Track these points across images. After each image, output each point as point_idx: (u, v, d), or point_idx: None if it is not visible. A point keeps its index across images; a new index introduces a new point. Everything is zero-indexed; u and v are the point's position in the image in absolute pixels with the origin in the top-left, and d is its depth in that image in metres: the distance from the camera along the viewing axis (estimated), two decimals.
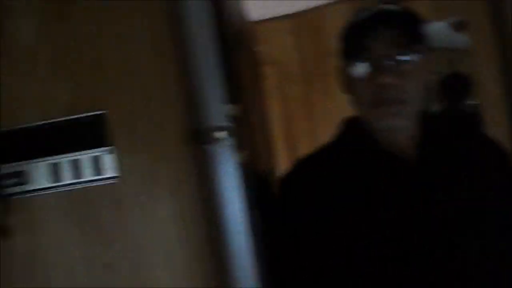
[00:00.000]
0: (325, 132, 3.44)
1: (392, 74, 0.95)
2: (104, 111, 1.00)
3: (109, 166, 0.99)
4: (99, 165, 0.99)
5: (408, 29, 0.96)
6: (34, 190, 1.00)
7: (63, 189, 1.00)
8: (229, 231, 1.06)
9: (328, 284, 1.01)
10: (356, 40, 0.98)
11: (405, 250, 0.96)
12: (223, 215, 1.06)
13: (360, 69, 0.99)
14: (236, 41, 1.33)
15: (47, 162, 1.00)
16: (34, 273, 0.99)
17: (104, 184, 0.99)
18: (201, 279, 0.98)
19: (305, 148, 3.04)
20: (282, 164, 2.79)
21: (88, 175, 0.99)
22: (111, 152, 0.99)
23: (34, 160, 1.00)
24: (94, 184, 0.99)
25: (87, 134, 1.00)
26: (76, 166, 0.99)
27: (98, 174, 0.99)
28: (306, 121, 3.07)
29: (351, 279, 0.99)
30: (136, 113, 1.01)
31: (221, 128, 1.08)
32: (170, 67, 1.03)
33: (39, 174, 1.00)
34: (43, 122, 1.01)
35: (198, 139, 1.08)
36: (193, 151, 1.07)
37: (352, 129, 1.06)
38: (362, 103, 1.02)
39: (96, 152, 0.99)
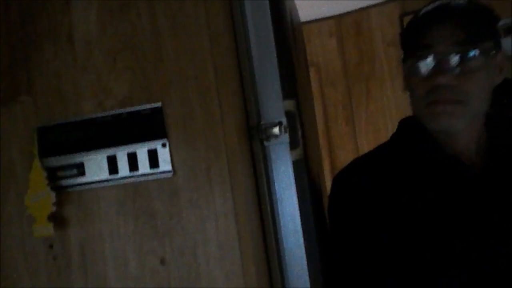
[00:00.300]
0: (365, 135, 3.38)
1: (451, 73, 0.89)
2: (161, 104, 0.99)
3: (165, 160, 0.98)
4: (155, 158, 0.98)
5: (473, 25, 0.89)
6: (90, 182, 1.00)
7: (119, 182, 0.99)
8: (283, 228, 1.03)
9: (377, 283, 0.97)
10: (417, 36, 0.93)
11: (459, 255, 0.91)
12: (277, 212, 1.04)
13: (420, 66, 0.93)
14: (292, 38, 1.31)
15: (104, 154, 0.99)
16: (88, 264, 0.99)
17: (160, 178, 0.98)
18: (255, 276, 0.95)
19: (344, 151, 3.00)
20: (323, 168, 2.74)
21: (144, 168, 0.98)
22: (167, 145, 0.98)
23: (91, 152, 1.00)
24: (150, 177, 0.98)
25: (143, 127, 0.99)
26: (132, 159, 0.99)
27: (154, 167, 0.98)
28: (347, 125, 3.02)
29: (404, 284, 0.94)
30: (193, 107, 0.99)
31: (277, 124, 1.06)
32: (228, 61, 1.02)
33: (96, 166, 0.99)
34: (100, 114, 1.01)
35: (255, 134, 1.06)
36: (249, 147, 1.05)
37: (410, 129, 1.01)
38: (417, 101, 0.97)
39: (152, 145, 0.99)
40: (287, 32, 1.19)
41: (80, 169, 0.99)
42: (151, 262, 0.97)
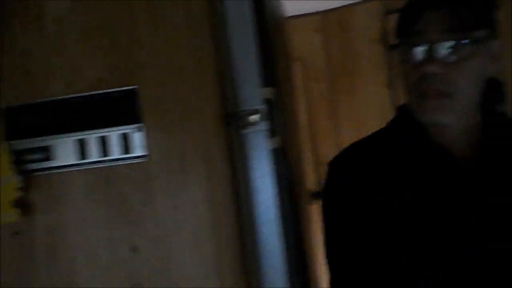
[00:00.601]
0: (348, 131, 3.38)
1: (440, 62, 0.85)
2: (136, 87, 0.95)
3: (138, 145, 0.94)
4: (127, 143, 0.94)
5: (466, 13, 0.85)
6: (58, 167, 0.95)
7: (89, 167, 0.95)
8: (259, 217, 1.00)
9: (364, 269, 0.93)
10: (409, 22, 0.89)
11: (434, 255, 0.87)
12: (253, 200, 1.01)
13: (410, 53, 0.89)
14: (273, 29, 1.28)
15: (73, 138, 0.95)
16: (55, 252, 0.95)
17: (132, 163, 0.94)
18: (230, 265, 0.92)
19: (326, 145, 2.99)
20: (305, 162, 2.74)
21: (115, 153, 0.95)
22: (141, 130, 0.95)
23: (60, 135, 0.96)
24: (122, 162, 0.95)
25: (116, 110, 0.95)
26: (103, 143, 0.95)
27: (127, 153, 0.94)
28: (330, 120, 3.01)
29: (390, 271, 0.90)
30: (169, 91, 0.96)
31: (255, 112, 1.02)
32: (206, 45, 0.98)
33: (65, 150, 0.95)
34: (70, 95, 0.96)
35: (232, 121, 1.03)
36: (226, 134, 1.02)
37: (404, 118, 0.97)
38: (409, 91, 0.92)
39: (125, 129, 0.95)
40: (266, 19, 1.16)
41: (48, 153, 0.95)
42: (121, 250, 0.93)
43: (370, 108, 2.91)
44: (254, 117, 1.03)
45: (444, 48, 0.84)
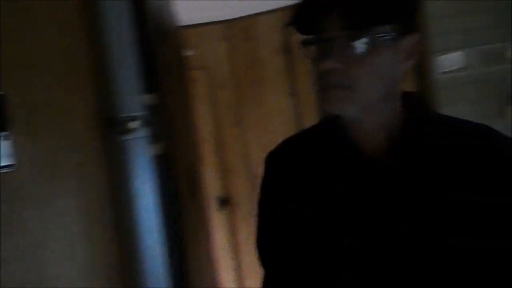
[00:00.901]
0: (254, 138, 3.44)
1: (336, 58, 0.88)
2: (3, 92, 0.91)
3: (5, 153, 0.90)
4: None
5: (364, 10, 0.88)
6: None
7: None
8: (140, 225, 0.99)
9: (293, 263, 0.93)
10: (307, 20, 0.90)
11: (346, 259, 0.90)
12: (134, 207, 1.00)
13: (311, 51, 0.91)
14: (160, 37, 1.28)
15: None
16: None
17: None
18: (106, 274, 0.90)
19: (233, 152, 3.02)
20: (210, 168, 2.75)
21: None
22: (7, 138, 0.90)
23: None
24: None
25: None
26: None
27: None
28: (235, 127, 3.05)
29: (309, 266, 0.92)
30: (39, 96, 0.92)
31: (135, 118, 1.02)
32: (80, 49, 0.96)
33: None
34: None
35: (110, 128, 1.01)
36: (103, 141, 1.00)
37: (330, 116, 0.98)
38: (315, 86, 0.94)
39: None
40: (150, 25, 1.16)
41: None
42: None
43: (274, 116, 2.99)
44: (133, 124, 1.02)
45: (338, 45, 0.86)
